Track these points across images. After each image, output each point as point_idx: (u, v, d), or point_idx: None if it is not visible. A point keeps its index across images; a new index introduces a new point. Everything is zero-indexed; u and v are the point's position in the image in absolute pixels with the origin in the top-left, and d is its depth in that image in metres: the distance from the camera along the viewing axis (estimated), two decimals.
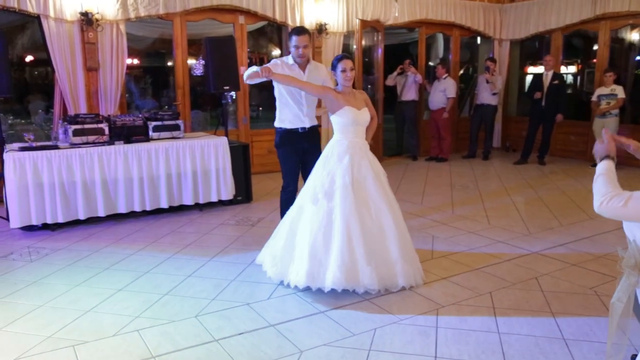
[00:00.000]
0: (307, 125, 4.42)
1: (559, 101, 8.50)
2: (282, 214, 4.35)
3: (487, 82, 9.19)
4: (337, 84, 3.93)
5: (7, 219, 5.15)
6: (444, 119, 9.16)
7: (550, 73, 8.52)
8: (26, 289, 3.82)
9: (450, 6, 9.47)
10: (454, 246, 4.70)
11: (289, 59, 4.29)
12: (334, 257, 3.59)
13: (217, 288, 3.81)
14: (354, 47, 8.61)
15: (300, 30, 4.22)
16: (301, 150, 4.44)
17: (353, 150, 3.81)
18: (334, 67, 3.88)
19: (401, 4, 8.80)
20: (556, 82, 8.48)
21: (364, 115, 3.90)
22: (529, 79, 10.81)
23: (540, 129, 8.76)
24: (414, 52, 9.97)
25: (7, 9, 6.08)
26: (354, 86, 3.99)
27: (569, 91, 10.58)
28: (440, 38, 10.61)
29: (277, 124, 4.47)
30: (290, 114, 4.38)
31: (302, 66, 4.28)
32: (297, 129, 4.39)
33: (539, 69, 9.73)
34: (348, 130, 3.85)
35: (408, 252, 3.81)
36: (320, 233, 3.64)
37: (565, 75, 10.16)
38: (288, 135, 4.41)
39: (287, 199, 4.37)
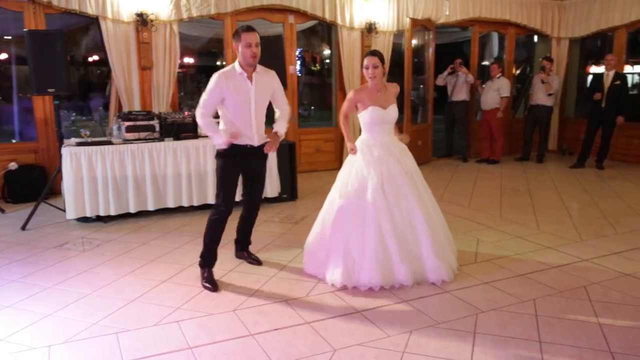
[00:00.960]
0: (256, 143, 3.87)
1: (620, 102, 8.12)
2: (207, 237, 3.87)
3: (543, 82, 8.89)
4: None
5: (64, 210, 5.41)
6: (497, 119, 8.92)
7: (612, 73, 8.15)
8: (78, 277, 4.01)
9: (505, 4, 9.22)
10: (499, 250, 4.58)
11: (236, 67, 3.72)
12: (368, 256, 3.64)
13: (257, 284, 3.87)
14: (404, 46, 8.52)
15: (250, 27, 3.67)
16: (247, 166, 3.94)
17: (380, 148, 3.86)
18: (361, 64, 3.98)
19: (453, 2, 8.65)
20: (618, 82, 8.11)
21: (391, 113, 3.94)
22: (590, 79, 10.38)
23: (600, 131, 8.40)
24: (467, 51, 9.77)
25: (69, 11, 6.39)
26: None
27: (634, 92, 10.08)
28: (494, 37, 10.35)
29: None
30: (235, 129, 3.82)
31: (250, 74, 3.73)
32: (245, 145, 3.85)
33: (602, 69, 9.33)
34: (374, 130, 3.92)
35: (441, 246, 3.84)
36: (353, 232, 3.70)
37: (630, 76, 9.69)
38: (233, 149, 3.80)
39: (217, 220, 3.86)
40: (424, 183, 4.04)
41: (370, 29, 8.08)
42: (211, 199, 5.79)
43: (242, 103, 3.75)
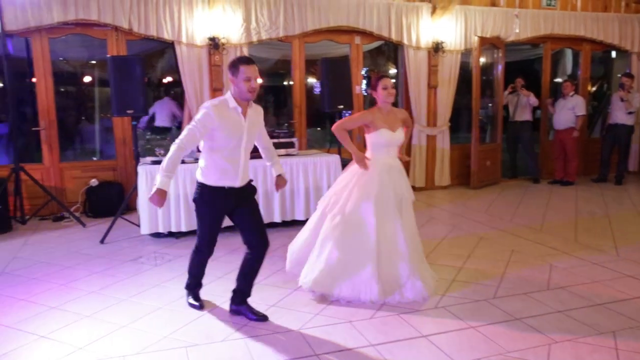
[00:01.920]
0: (238, 185, 3.51)
1: None
2: (192, 273, 3.87)
3: (622, 100, 8.47)
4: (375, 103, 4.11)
5: (139, 225, 5.67)
6: (573, 138, 8.56)
7: None
8: (150, 291, 4.19)
9: (579, 19, 8.89)
10: (574, 277, 4.37)
11: (229, 100, 3.38)
12: (350, 272, 3.89)
13: (322, 303, 3.88)
14: (472, 65, 8.39)
15: (250, 60, 3.38)
16: (230, 207, 3.57)
17: (382, 169, 3.98)
18: (373, 87, 4.04)
19: (523, 19, 8.43)
20: None
21: (398, 136, 4.08)
22: None
23: None
24: (538, 68, 9.48)
25: (147, 37, 6.78)
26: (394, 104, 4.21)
27: None
28: (568, 53, 9.99)
29: (199, 177, 3.54)
30: (217, 170, 3.46)
31: (245, 109, 3.41)
32: (223, 187, 3.48)
33: None
34: (381, 151, 4.05)
35: (419, 271, 3.99)
36: (345, 248, 3.89)
37: None
38: (211, 194, 3.49)
39: (200, 262, 3.80)
40: (411, 208, 4.15)
41: (437, 48, 8.03)
42: (277, 217, 5.91)
43: (232, 140, 3.41)
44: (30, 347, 3.26)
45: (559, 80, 10.03)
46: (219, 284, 4.30)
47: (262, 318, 3.61)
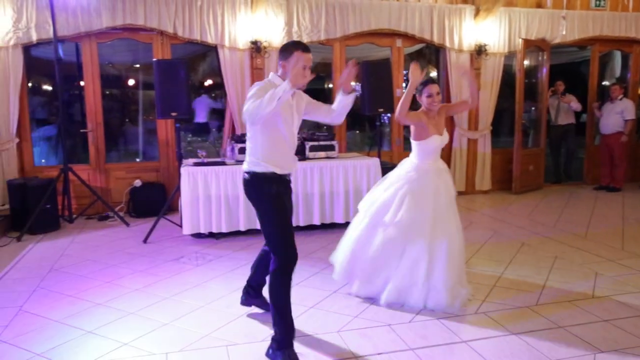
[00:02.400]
0: (294, 169, 3.36)
1: None
2: (282, 305, 3.12)
3: None
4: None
5: (181, 225, 5.81)
6: (621, 143, 8.31)
7: None
8: (191, 290, 4.28)
9: (630, 20, 8.62)
10: (621, 286, 4.25)
11: (278, 81, 3.12)
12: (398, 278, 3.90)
13: (361, 306, 3.89)
14: (516, 68, 8.25)
15: (307, 47, 3.13)
16: (287, 200, 3.32)
17: (431, 174, 3.97)
18: (419, 92, 3.96)
19: (570, 20, 8.24)
20: None
21: (445, 139, 4.08)
22: None
23: None
24: (585, 71, 9.23)
25: (191, 42, 6.95)
26: None
27: None
28: (617, 55, 9.69)
29: (255, 167, 3.17)
30: (280, 154, 3.20)
31: (293, 93, 3.16)
32: (287, 175, 3.27)
33: None
34: (430, 157, 4.03)
35: (459, 276, 3.97)
36: (392, 257, 3.90)
37: None
38: (278, 182, 3.20)
39: (288, 278, 3.13)
40: (455, 208, 4.08)
41: (480, 51, 7.93)
42: (317, 220, 5.94)
43: (287, 122, 3.18)
44: (77, 341, 3.39)
45: (606, 83, 9.74)
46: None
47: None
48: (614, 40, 8.80)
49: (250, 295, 3.76)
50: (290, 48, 3.10)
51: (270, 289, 3.12)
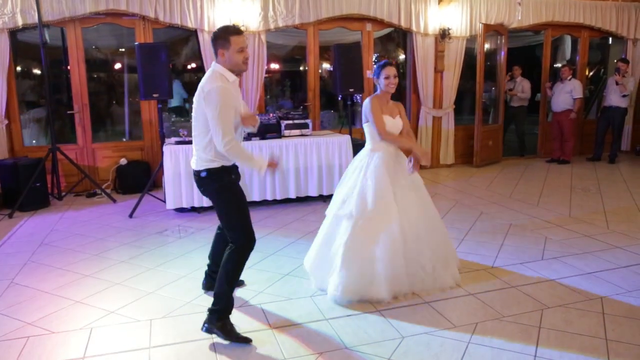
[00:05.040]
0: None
1: None
2: (231, 281, 2.96)
3: (617, 83, 8.28)
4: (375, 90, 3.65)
5: (164, 201, 5.72)
6: (569, 120, 8.43)
7: None
8: (174, 261, 4.23)
9: (578, 7, 8.65)
10: (566, 249, 4.34)
11: (225, 74, 2.90)
12: (384, 269, 3.37)
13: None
14: (477, 51, 8.24)
15: (240, 30, 2.92)
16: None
17: (388, 160, 3.55)
18: (376, 74, 3.57)
19: (526, 6, 8.23)
20: None
21: (398, 123, 3.65)
22: None
23: None
24: (539, 54, 9.28)
25: (172, 26, 6.75)
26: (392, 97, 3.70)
27: None
28: (567, 40, 9.75)
29: (210, 164, 2.95)
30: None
31: (240, 80, 2.88)
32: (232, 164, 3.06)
33: None
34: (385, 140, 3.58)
35: (443, 256, 3.60)
36: (368, 247, 3.40)
37: None
38: (235, 172, 3.09)
39: (244, 257, 3.01)
40: (425, 191, 3.70)
41: (444, 34, 7.88)
42: (292, 194, 5.91)
43: (238, 118, 2.98)
44: (67, 310, 3.33)
45: (558, 65, 9.82)
46: None
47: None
48: (565, 26, 8.83)
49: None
50: (225, 35, 2.86)
51: (227, 262, 2.95)
